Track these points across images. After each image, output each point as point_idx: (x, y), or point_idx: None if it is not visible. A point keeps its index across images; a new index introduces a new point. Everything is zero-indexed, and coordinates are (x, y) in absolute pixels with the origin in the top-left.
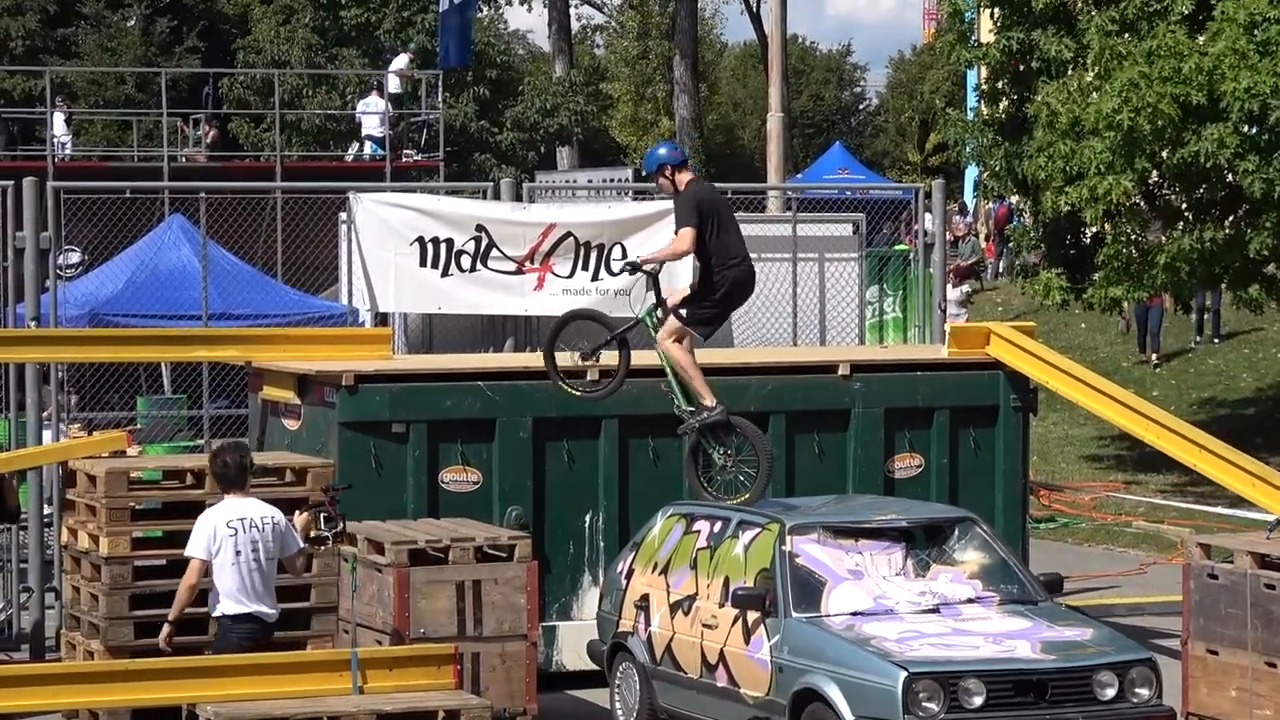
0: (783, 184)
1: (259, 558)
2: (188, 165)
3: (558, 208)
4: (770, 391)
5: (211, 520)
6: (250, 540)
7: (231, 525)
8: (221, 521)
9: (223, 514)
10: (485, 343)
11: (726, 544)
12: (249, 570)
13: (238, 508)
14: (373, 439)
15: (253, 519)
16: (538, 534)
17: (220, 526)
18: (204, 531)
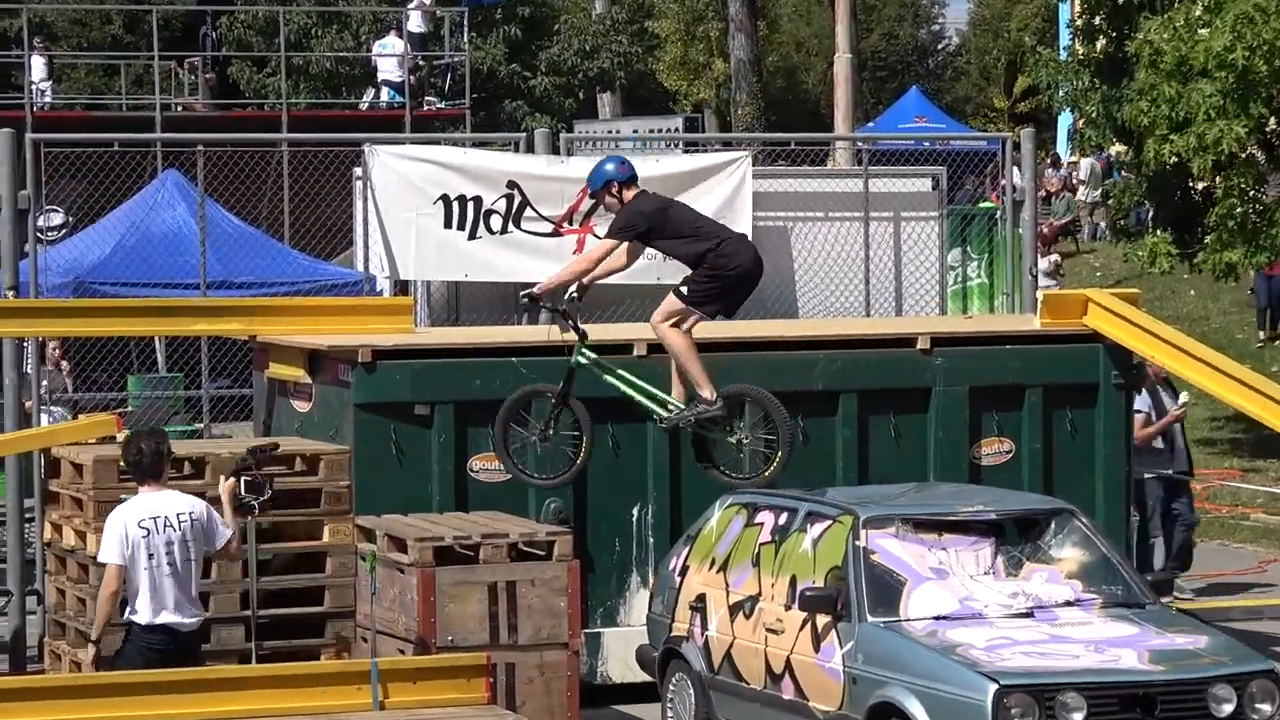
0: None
1: (174, 561)
2: (183, 115)
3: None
4: (840, 368)
5: (121, 520)
6: (164, 542)
7: (143, 525)
8: (132, 521)
9: (134, 512)
10: (518, 313)
11: (793, 538)
12: (162, 576)
13: (151, 504)
14: (393, 422)
15: (167, 517)
16: (579, 529)
17: (131, 527)
18: (114, 533)
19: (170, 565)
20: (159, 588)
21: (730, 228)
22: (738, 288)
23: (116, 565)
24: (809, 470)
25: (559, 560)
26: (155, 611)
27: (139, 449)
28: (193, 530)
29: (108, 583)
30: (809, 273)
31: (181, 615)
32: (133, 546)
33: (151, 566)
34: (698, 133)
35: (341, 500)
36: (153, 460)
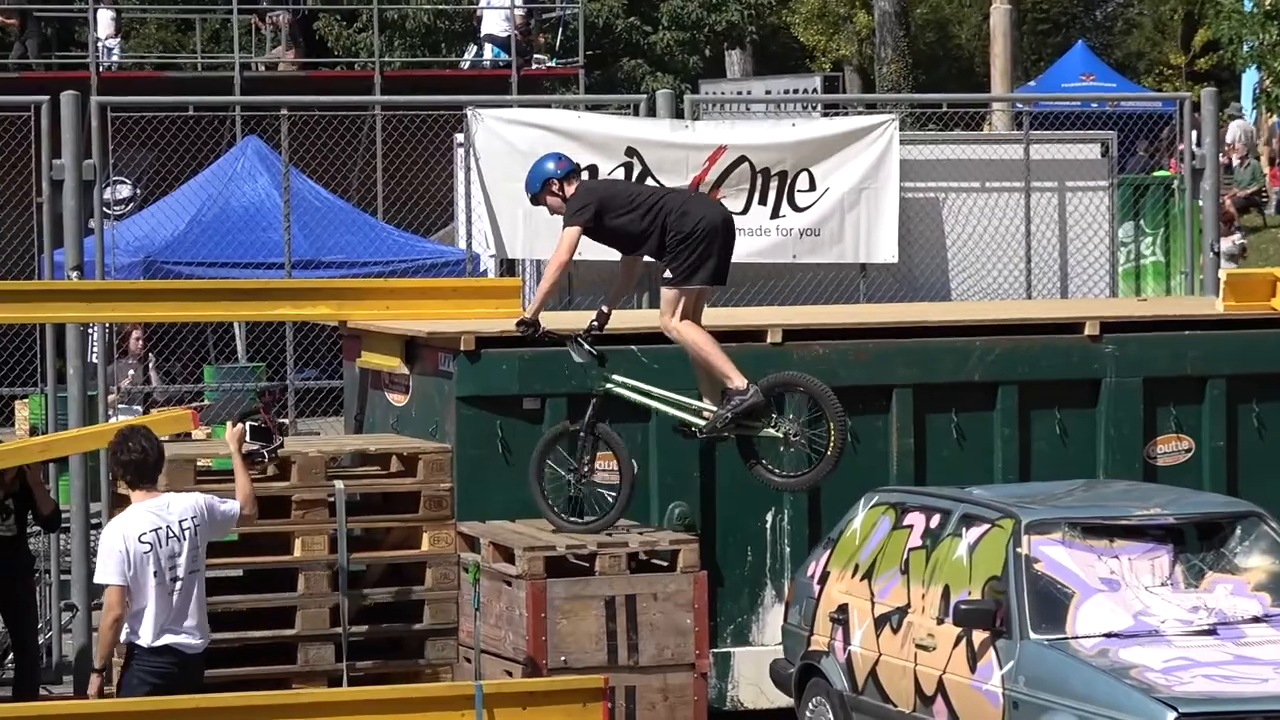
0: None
1: (180, 574)
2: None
3: (728, 126)
4: (998, 357)
5: (120, 535)
6: (169, 554)
7: (145, 540)
8: (133, 536)
9: (134, 525)
10: (638, 295)
11: (946, 543)
12: (169, 592)
13: (151, 514)
14: (499, 417)
15: (170, 526)
16: (707, 537)
17: (132, 542)
18: (113, 551)
19: (176, 580)
20: (165, 606)
21: (683, 189)
22: (712, 245)
23: (118, 587)
24: (965, 469)
25: (684, 572)
26: (160, 632)
27: (141, 448)
28: (200, 535)
29: (110, 607)
30: (963, 250)
31: (189, 636)
32: (135, 564)
33: (157, 584)
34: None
35: (442, 504)
36: (156, 460)
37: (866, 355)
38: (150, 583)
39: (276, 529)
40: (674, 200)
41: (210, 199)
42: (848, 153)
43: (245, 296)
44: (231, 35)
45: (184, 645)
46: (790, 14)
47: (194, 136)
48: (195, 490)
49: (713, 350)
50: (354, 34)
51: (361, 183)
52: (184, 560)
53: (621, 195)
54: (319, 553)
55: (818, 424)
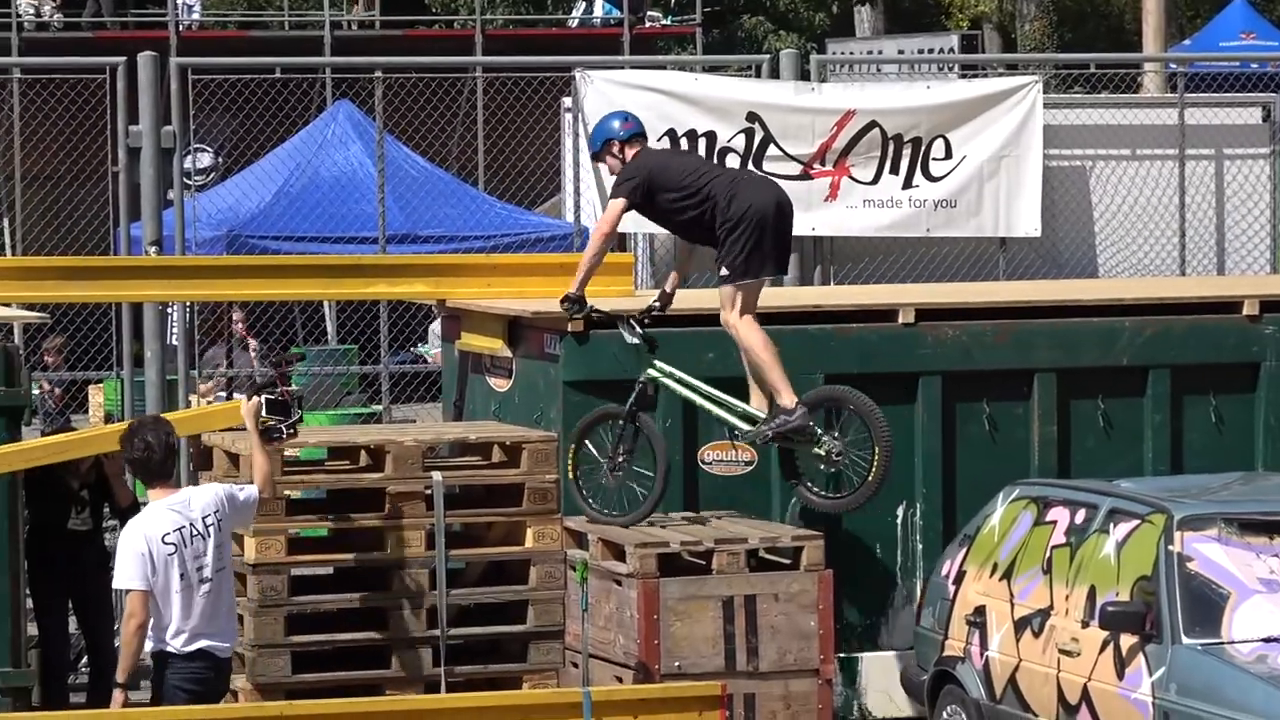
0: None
1: (208, 574)
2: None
3: (857, 89)
4: (1148, 339)
5: (142, 536)
6: (195, 554)
7: (169, 541)
8: (156, 538)
9: (155, 525)
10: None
11: (1092, 540)
12: (197, 594)
13: (171, 513)
14: (610, 404)
15: (194, 524)
16: (832, 532)
17: (156, 545)
18: (135, 553)
19: (203, 582)
20: (192, 609)
21: (736, 169)
22: (764, 234)
23: (140, 592)
24: (1112, 460)
25: (808, 570)
26: (192, 637)
27: (146, 444)
28: (225, 529)
29: (133, 613)
30: (1111, 222)
31: (219, 639)
32: (161, 567)
33: (184, 587)
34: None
35: (548, 498)
36: (164, 456)
37: (1006, 337)
38: (176, 585)
39: (369, 524)
40: (722, 184)
41: (298, 168)
42: (987, 118)
43: (336, 274)
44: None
45: (216, 649)
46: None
47: (280, 101)
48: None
49: (769, 359)
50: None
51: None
52: (210, 558)
53: (674, 172)
54: (415, 549)
55: (864, 445)
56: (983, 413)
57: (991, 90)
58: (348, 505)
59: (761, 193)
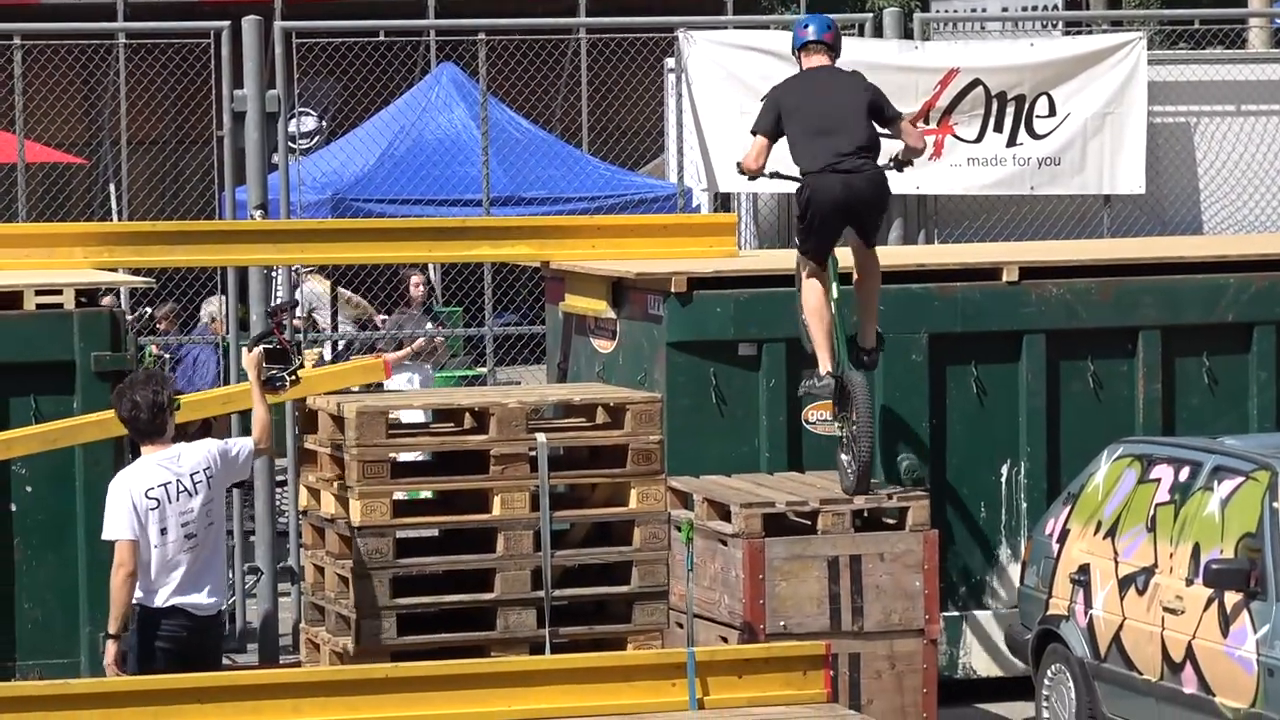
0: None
1: (195, 530)
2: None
3: (961, 46)
4: (1254, 295)
5: (126, 489)
6: (179, 511)
7: (153, 496)
8: (139, 490)
9: (140, 480)
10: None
11: (1196, 498)
12: (179, 551)
13: (159, 468)
14: (713, 364)
15: (180, 479)
16: (937, 492)
17: (139, 499)
18: (121, 505)
19: (189, 538)
20: (173, 565)
21: (849, 145)
22: (826, 221)
23: (128, 541)
24: (1217, 417)
25: (913, 530)
26: (169, 593)
27: (133, 403)
28: (216, 486)
29: (121, 562)
30: (1216, 179)
31: (200, 595)
32: (143, 520)
33: (165, 542)
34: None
35: (652, 458)
36: (151, 415)
37: (1110, 295)
38: (155, 539)
39: (474, 485)
40: (815, 177)
41: (402, 131)
42: (1091, 74)
43: (441, 236)
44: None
45: (196, 606)
46: None
47: (384, 64)
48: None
49: (814, 324)
50: None
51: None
52: (197, 515)
53: (808, 121)
54: (520, 511)
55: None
56: (1087, 371)
57: (1095, 47)
58: (452, 468)
59: (827, 189)
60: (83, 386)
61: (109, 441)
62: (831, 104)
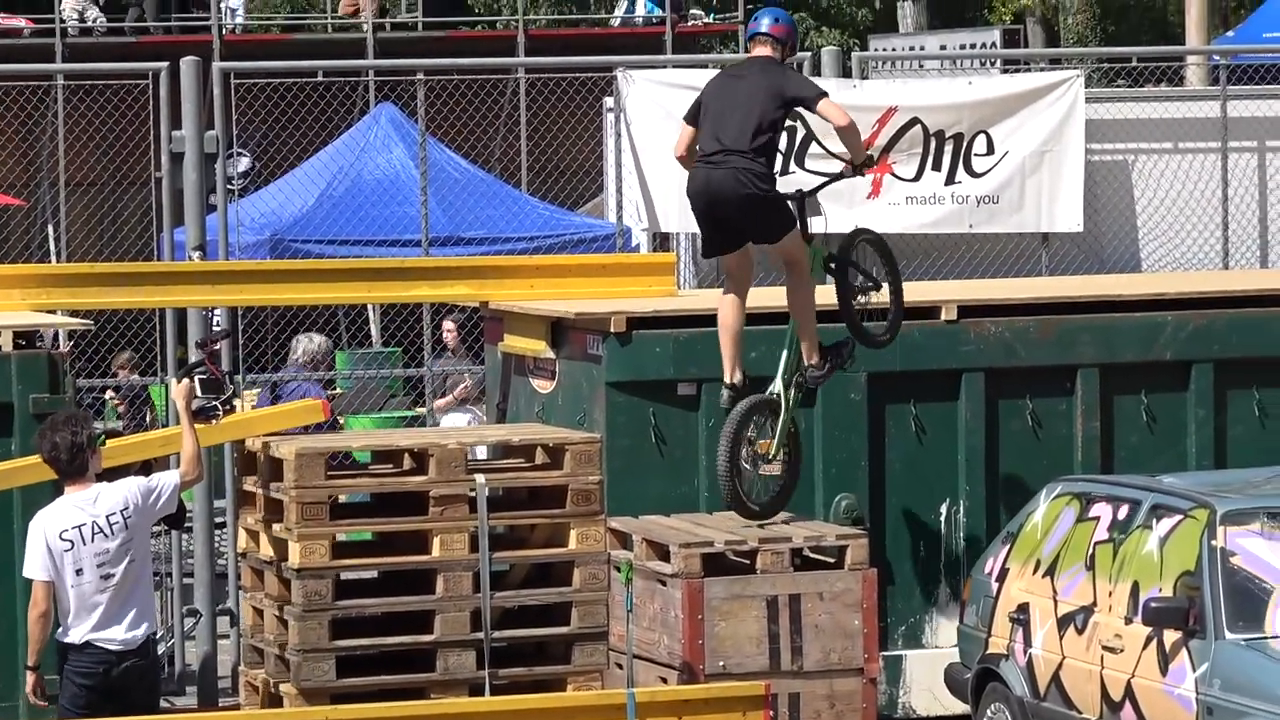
0: (1208, 46)
1: (110, 571)
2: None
3: (899, 85)
4: (1191, 333)
5: (41, 530)
6: (95, 552)
7: (66, 537)
8: (54, 532)
9: (55, 521)
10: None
11: (1135, 536)
12: (96, 591)
13: (75, 509)
14: (653, 404)
15: (96, 521)
16: (876, 531)
17: (53, 539)
18: (36, 546)
19: (105, 578)
20: (91, 605)
21: (724, 140)
22: (702, 222)
23: (43, 582)
24: (1155, 456)
25: (852, 569)
26: (85, 630)
27: (53, 444)
28: (135, 526)
29: (35, 602)
30: (1154, 217)
31: (119, 629)
32: (57, 561)
33: (81, 582)
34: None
35: (591, 499)
36: (70, 456)
37: (1048, 333)
38: (70, 580)
39: (413, 527)
40: (700, 144)
41: (341, 171)
42: (1029, 113)
43: (380, 276)
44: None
45: (113, 640)
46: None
47: (323, 104)
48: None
49: (723, 338)
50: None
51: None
52: (114, 555)
53: (713, 98)
54: (459, 552)
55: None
56: (1026, 409)
57: (1033, 85)
58: (392, 509)
59: (691, 182)
60: (20, 429)
61: (47, 484)
62: (735, 97)
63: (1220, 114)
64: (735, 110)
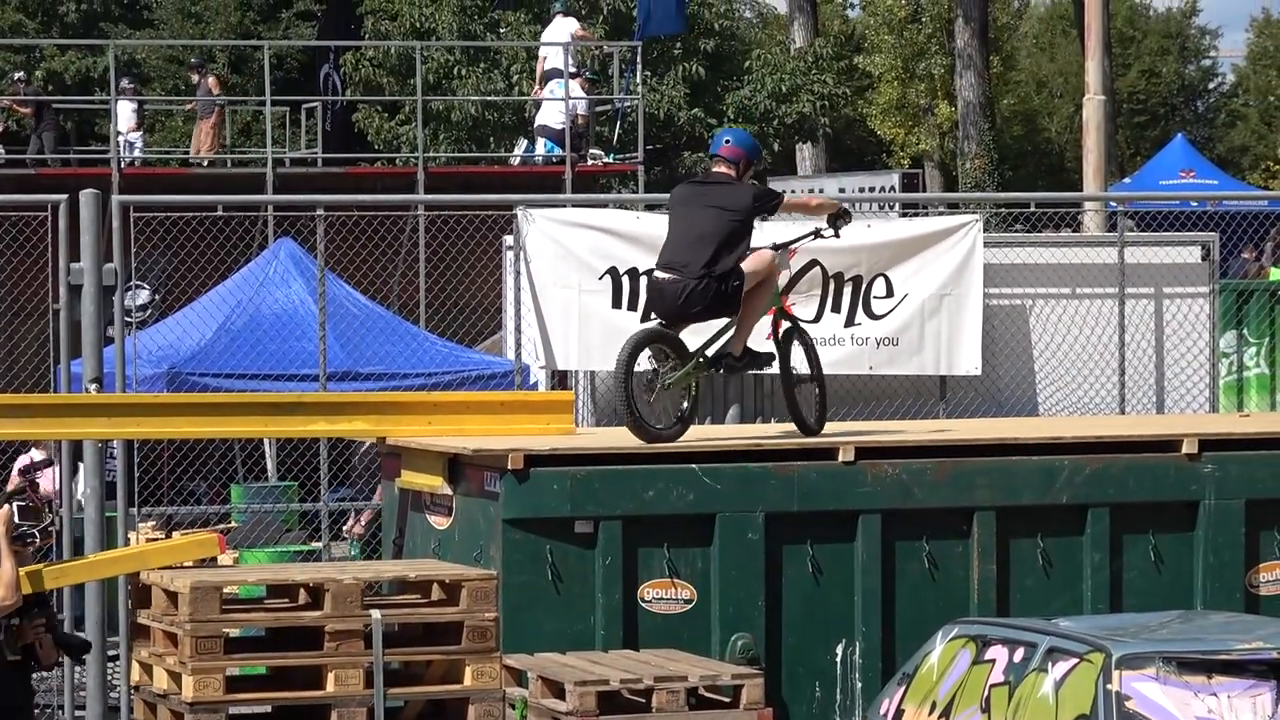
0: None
1: None
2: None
3: (799, 227)
4: (1088, 477)
5: None
6: None
7: None
8: None
9: None
10: (701, 411)
11: (1031, 679)
12: None
13: None
14: (549, 542)
15: None
16: (772, 671)
17: None
18: None
19: None
20: None
21: (683, 263)
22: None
23: None
24: (1051, 599)
25: (748, 709)
26: None
27: None
28: None
29: None
30: (1051, 361)
31: None
32: None
33: None
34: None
35: (487, 636)
36: None
37: (945, 475)
38: None
39: (308, 662)
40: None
41: (240, 305)
42: (928, 256)
43: (277, 411)
44: (264, 129)
45: None
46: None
47: (222, 238)
48: None
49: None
50: (396, 127)
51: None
52: None
53: (675, 206)
54: (354, 688)
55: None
56: (922, 551)
57: (932, 229)
58: (287, 643)
59: (650, 289)
60: None
61: None
62: (695, 216)
63: (1118, 260)
64: (694, 229)
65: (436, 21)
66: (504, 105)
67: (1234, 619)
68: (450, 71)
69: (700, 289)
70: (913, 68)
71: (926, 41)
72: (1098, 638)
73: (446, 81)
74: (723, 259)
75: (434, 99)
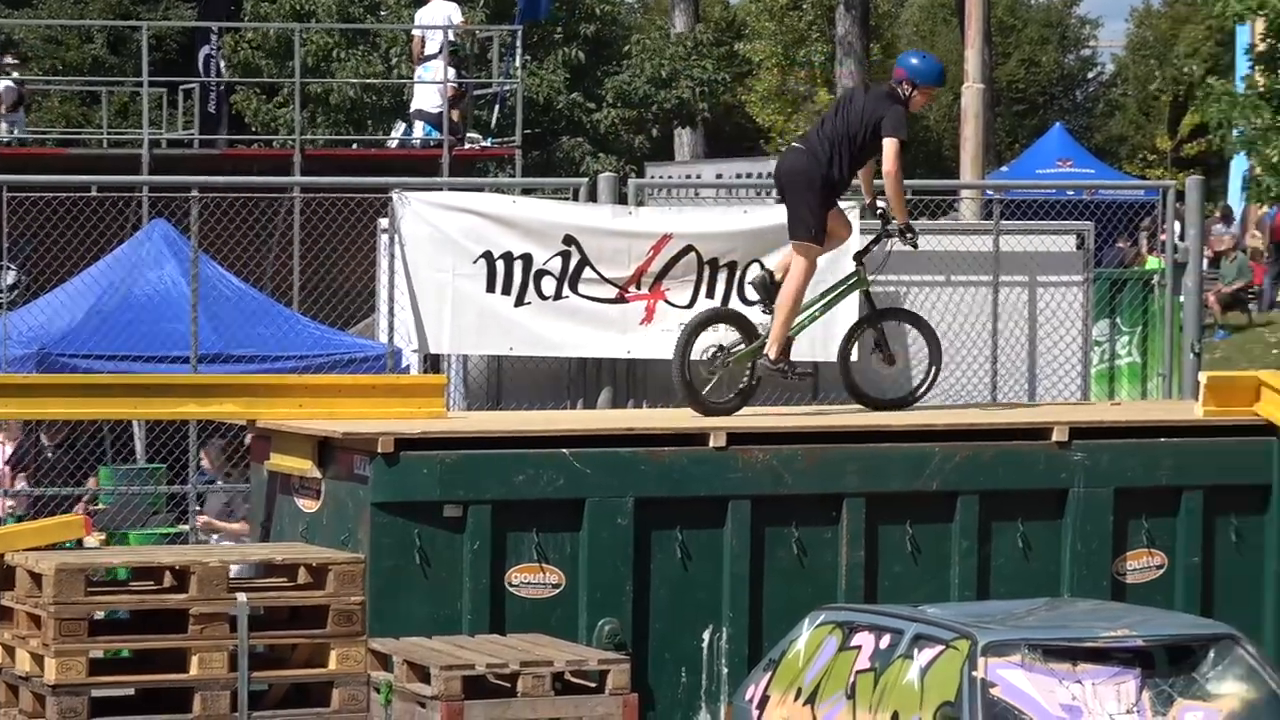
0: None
1: None
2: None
3: (674, 213)
4: (957, 465)
5: None
6: None
7: None
8: None
9: None
10: (573, 395)
11: (896, 666)
12: None
13: None
14: (418, 526)
15: None
16: (639, 656)
17: None
18: None
19: None
20: None
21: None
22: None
23: None
24: (919, 585)
25: (613, 694)
26: None
27: None
28: None
29: None
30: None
31: None
32: None
33: None
34: None
35: (353, 619)
36: None
37: (815, 461)
38: None
39: (172, 645)
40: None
41: (111, 286)
42: None
43: (147, 393)
44: (140, 110)
45: None
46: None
47: (95, 219)
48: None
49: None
50: (273, 109)
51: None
52: None
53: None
54: (218, 671)
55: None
56: (792, 537)
57: None
58: (151, 626)
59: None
60: None
61: None
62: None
63: (992, 248)
64: (839, 120)
65: (316, 4)
66: (382, 89)
67: (1100, 607)
68: (329, 54)
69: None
70: (792, 54)
71: (807, 29)
72: (964, 625)
73: (325, 64)
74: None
75: (312, 81)
